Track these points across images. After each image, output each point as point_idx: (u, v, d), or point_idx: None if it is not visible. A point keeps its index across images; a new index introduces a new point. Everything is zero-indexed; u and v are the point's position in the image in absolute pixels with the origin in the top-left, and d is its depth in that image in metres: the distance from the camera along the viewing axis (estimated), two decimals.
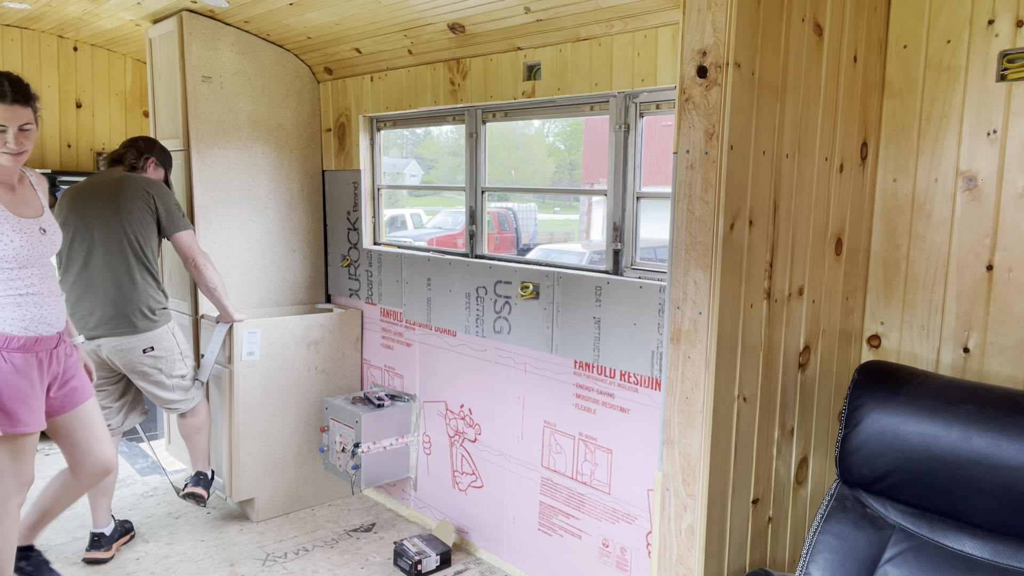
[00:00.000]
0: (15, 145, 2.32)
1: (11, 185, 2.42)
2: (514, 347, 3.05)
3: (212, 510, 3.70)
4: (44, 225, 2.46)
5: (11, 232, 2.34)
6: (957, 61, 1.93)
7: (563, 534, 2.93)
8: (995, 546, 1.58)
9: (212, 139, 3.53)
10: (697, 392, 1.67)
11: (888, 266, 2.10)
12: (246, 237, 3.69)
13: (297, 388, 3.66)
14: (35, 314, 2.38)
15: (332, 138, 3.87)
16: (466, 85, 3.11)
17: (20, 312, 2.35)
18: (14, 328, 2.34)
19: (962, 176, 1.94)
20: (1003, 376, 1.90)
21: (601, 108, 2.71)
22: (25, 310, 2.36)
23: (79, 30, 4.30)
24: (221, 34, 3.50)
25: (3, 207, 2.36)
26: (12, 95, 2.29)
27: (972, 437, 1.58)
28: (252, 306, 3.75)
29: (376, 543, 3.42)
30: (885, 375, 1.76)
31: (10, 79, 2.32)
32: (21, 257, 2.35)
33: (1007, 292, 1.88)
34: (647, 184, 2.69)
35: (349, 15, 3.08)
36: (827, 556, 1.71)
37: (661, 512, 1.78)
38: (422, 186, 8.62)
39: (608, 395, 2.70)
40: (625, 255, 2.69)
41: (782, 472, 1.95)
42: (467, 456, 3.33)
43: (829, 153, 1.91)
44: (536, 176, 15.61)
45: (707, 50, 1.58)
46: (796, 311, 1.90)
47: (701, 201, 1.63)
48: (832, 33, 1.84)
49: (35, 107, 2.37)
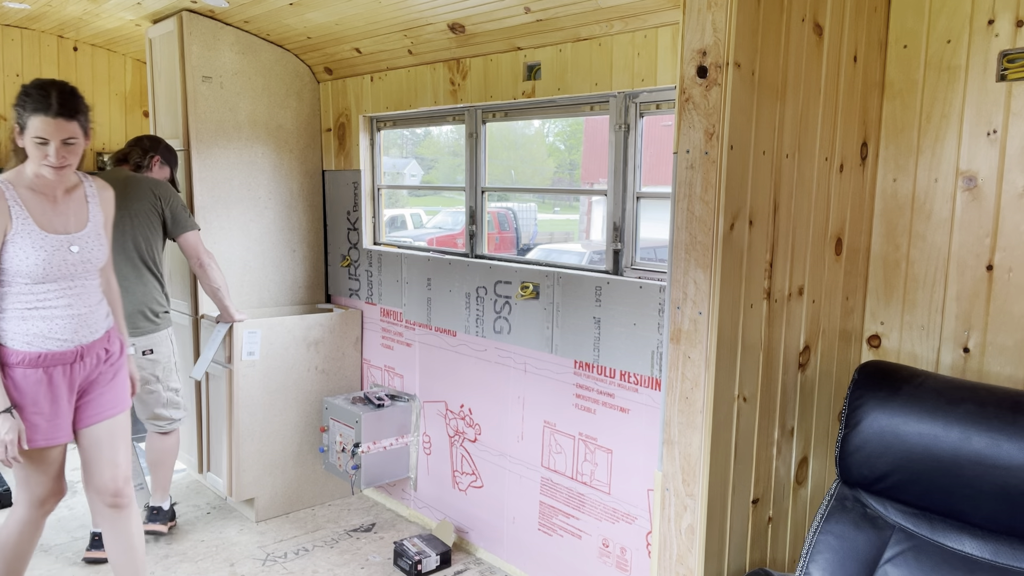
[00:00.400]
0: (56, 159, 2.20)
1: (53, 196, 2.31)
2: (514, 347, 3.05)
3: (212, 510, 3.70)
4: (79, 243, 2.32)
5: (29, 248, 2.23)
6: (957, 61, 1.93)
7: (563, 534, 2.93)
8: (995, 546, 1.58)
9: (212, 139, 3.53)
10: (697, 392, 1.67)
11: (888, 266, 2.10)
12: (246, 237, 3.69)
13: (297, 388, 3.66)
14: (41, 328, 2.27)
15: (332, 138, 3.87)
16: (466, 85, 3.10)
17: (24, 326, 2.26)
18: (15, 342, 2.26)
19: (962, 176, 1.94)
20: (1003, 376, 1.90)
21: (601, 108, 2.71)
22: (30, 324, 2.26)
23: (79, 30, 4.30)
24: (221, 34, 3.50)
25: (31, 220, 2.26)
26: (57, 108, 2.17)
27: (972, 437, 1.58)
28: (252, 306, 3.75)
29: (376, 543, 3.42)
30: (885, 375, 1.76)
31: (60, 91, 2.21)
32: (36, 274, 2.25)
33: (1007, 292, 1.88)
34: (647, 184, 2.69)
35: (349, 15, 3.08)
36: (827, 556, 1.71)
37: (661, 512, 1.78)
38: (422, 186, 8.61)
39: (608, 395, 2.70)
40: (625, 255, 2.69)
41: (782, 472, 1.95)
42: (467, 456, 3.33)
43: (829, 153, 1.91)
44: (536, 176, 15.62)
45: (707, 50, 1.58)
46: (796, 311, 1.90)
47: (701, 201, 1.63)
48: (832, 33, 1.84)
49: (83, 120, 2.25)
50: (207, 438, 3.70)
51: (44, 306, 2.28)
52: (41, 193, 2.30)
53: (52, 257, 2.26)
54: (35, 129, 2.17)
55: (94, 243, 2.38)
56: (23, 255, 2.23)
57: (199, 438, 3.72)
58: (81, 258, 2.33)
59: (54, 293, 2.29)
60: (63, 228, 2.31)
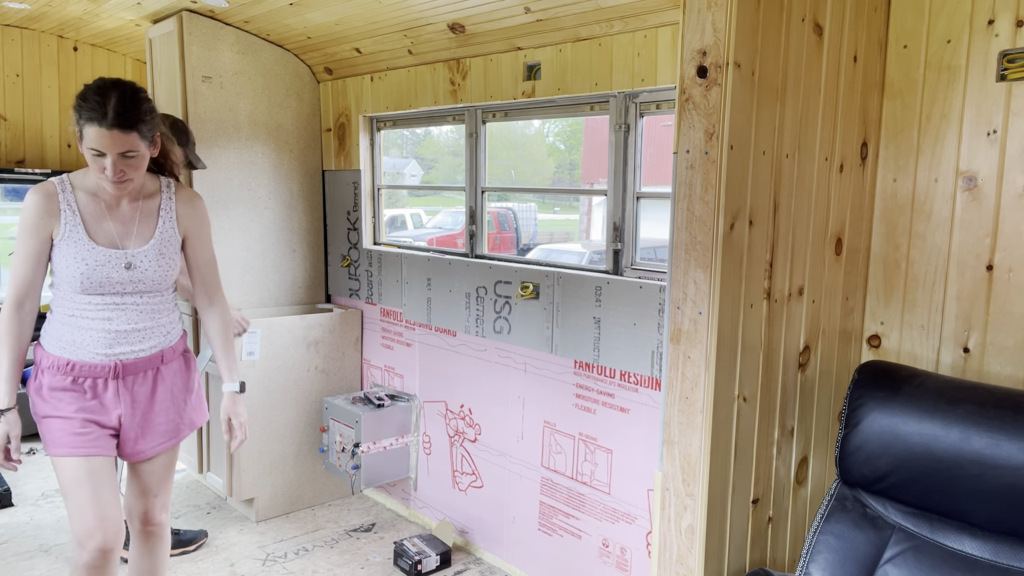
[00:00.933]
0: (114, 174, 1.98)
1: (116, 205, 2.11)
2: (514, 347, 3.05)
3: (212, 510, 3.70)
4: (136, 259, 2.10)
5: (73, 258, 2.05)
6: (957, 61, 1.93)
7: (563, 534, 2.93)
8: (995, 546, 1.58)
9: (212, 139, 3.53)
10: (697, 392, 1.67)
11: (888, 266, 2.10)
12: (246, 237, 3.69)
13: (297, 388, 3.66)
14: (74, 337, 2.09)
15: (332, 138, 3.87)
16: (466, 85, 3.11)
17: (60, 331, 2.10)
18: (51, 346, 2.11)
19: (962, 176, 1.94)
20: (1003, 376, 1.90)
21: (601, 108, 2.71)
22: (65, 330, 2.10)
23: (79, 30, 4.30)
24: (221, 34, 3.50)
25: (82, 227, 2.05)
26: (113, 119, 1.93)
27: (972, 437, 1.58)
28: (252, 306, 3.75)
29: (376, 543, 3.42)
30: (885, 375, 1.76)
31: (120, 97, 1.95)
32: (78, 284, 2.06)
33: (1007, 292, 1.88)
34: (647, 184, 2.69)
35: (349, 15, 3.08)
36: (827, 556, 1.71)
37: (661, 512, 1.78)
38: (422, 186, 8.62)
39: (608, 395, 2.70)
40: (625, 255, 2.69)
41: (782, 472, 1.95)
42: (467, 456, 3.33)
43: (829, 153, 1.92)
44: (536, 176, 15.62)
45: (707, 50, 1.58)
46: (796, 311, 1.90)
47: (701, 201, 1.63)
48: (832, 33, 1.84)
49: (145, 130, 1.99)
50: (207, 438, 3.70)
51: (83, 316, 2.09)
52: (102, 200, 2.10)
53: (97, 271, 2.06)
54: (90, 140, 1.95)
55: (154, 262, 2.13)
56: (67, 263, 2.06)
57: (199, 438, 3.72)
58: (134, 276, 2.10)
59: (96, 306, 2.09)
60: (119, 242, 2.09)
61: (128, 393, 2.16)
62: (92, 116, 1.93)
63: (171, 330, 2.24)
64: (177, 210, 2.20)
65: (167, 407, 2.24)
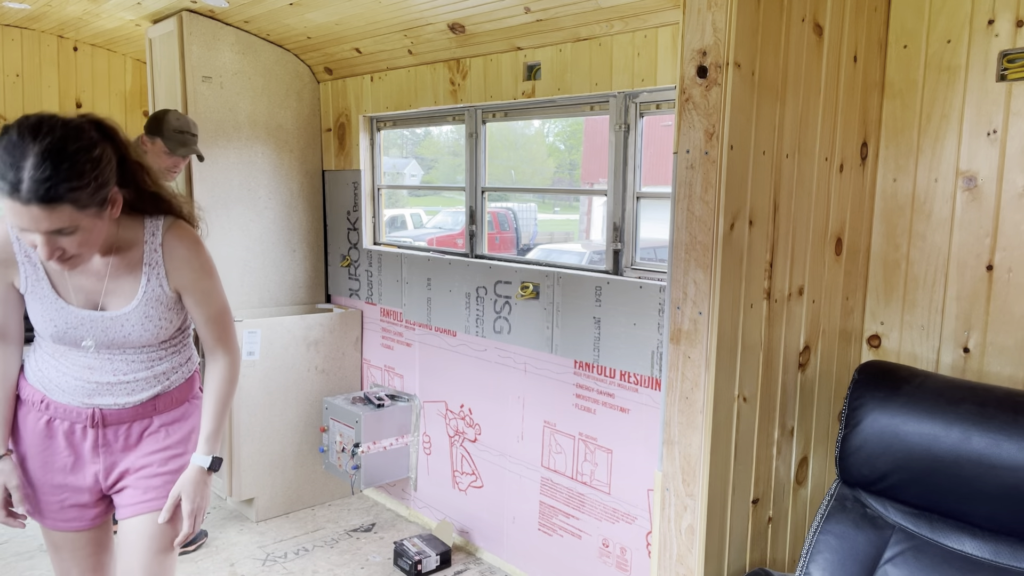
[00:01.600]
0: (47, 255, 1.49)
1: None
2: (514, 347, 3.05)
3: (212, 510, 3.70)
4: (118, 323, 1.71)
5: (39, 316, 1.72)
6: (957, 61, 1.93)
7: (563, 534, 2.93)
8: (995, 546, 1.58)
9: (212, 139, 3.53)
10: (697, 392, 1.67)
11: (888, 266, 2.10)
12: (246, 237, 3.69)
13: (297, 388, 3.66)
14: (50, 375, 1.76)
15: (332, 138, 3.87)
16: (466, 85, 3.10)
17: (39, 364, 1.78)
18: (29, 371, 1.81)
19: (962, 176, 1.94)
20: (1003, 376, 1.90)
21: (601, 108, 2.71)
22: (44, 366, 1.77)
23: (79, 30, 4.30)
24: (221, 34, 3.50)
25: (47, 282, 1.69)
26: (30, 191, 1.40)
27: (972, 437, 1.57)
28: (252, 306, 3.75)
29: (376, 543, 3.42)
30: (885, 375, 1.76)
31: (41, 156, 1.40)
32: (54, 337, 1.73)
33: (1007, 292, 1.88)
34: (647, 184, 2.69)
35: (349, 15, 3.07)
36: (827, 556, 1.71)
37: (661, 512, 1.78)
38: (422, 186, 8.61)
39: (608, 395, 2.70)
40: (625, 255, 2.69)
41: (782, 472, 1.95)
42: (467, 456, 3.33)
43: (829, 153, 1.91)
44: (536, 176, 15.62)
45: (707, 50, 1.58)
46: (796, 311, 1.90)
47: (701, 201, 1.63)
48: (832, 33, 1.84)
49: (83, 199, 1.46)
50: None
51: (63, 358, 1.76)
52: None
53: (70, 333, 1.70)
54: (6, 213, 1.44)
55: (139, 326, 1.72)
56: (37, 317, 1.71)
57: None
58: (117, 338, 1.73)
59: (72, 359, 1.76)
60: (96, 300, 1.70)
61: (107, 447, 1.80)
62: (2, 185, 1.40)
63: (172, 376, 1.84)
64: (166, 264, 1.72)
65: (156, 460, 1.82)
